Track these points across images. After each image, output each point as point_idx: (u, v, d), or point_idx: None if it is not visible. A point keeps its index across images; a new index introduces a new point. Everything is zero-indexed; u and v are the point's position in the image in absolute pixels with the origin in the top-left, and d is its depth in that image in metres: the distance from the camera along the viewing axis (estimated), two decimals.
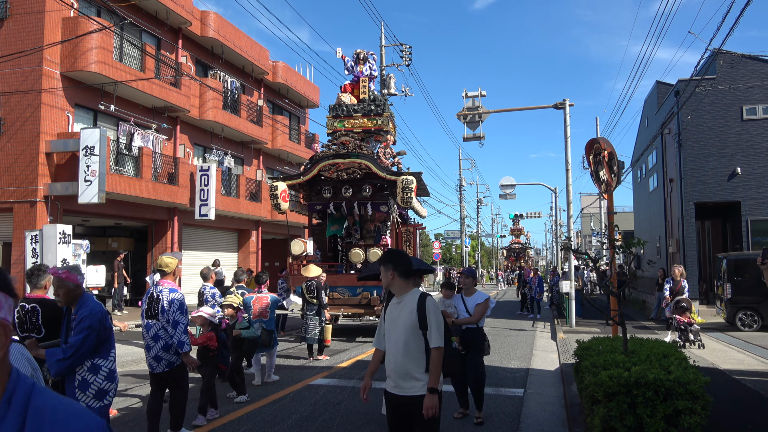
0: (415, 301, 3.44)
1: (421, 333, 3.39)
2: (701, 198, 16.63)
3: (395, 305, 3.53)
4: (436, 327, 3.36)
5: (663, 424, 4.07)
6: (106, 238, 20.79)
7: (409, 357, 3.38)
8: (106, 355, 4.02)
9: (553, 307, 21.14)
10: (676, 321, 11.07)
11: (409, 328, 3.39)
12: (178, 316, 5.00)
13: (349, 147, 13.32)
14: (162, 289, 5.11)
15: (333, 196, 13.58)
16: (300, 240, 13.37)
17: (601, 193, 12.28)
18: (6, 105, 15.06)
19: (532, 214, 47.55)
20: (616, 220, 8.45)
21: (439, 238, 52.19)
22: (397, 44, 23.66)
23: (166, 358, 5.04)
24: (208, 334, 6.22)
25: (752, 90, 16.29)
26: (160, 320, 5.01)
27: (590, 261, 5.91)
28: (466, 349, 6.09)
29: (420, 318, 3.38)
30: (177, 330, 4.96)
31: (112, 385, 4.06)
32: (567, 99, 15.82)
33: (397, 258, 3.54)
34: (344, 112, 14.62)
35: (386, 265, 3.49)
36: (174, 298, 5.04)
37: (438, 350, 3.34)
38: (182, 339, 4.97)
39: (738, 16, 8.26)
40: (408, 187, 12.63)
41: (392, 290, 3.52)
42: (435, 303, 3.45)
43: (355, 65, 15.13)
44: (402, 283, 3.49)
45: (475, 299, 6.22)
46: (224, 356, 6.47)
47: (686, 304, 11.21)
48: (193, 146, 20.74)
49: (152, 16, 18.53)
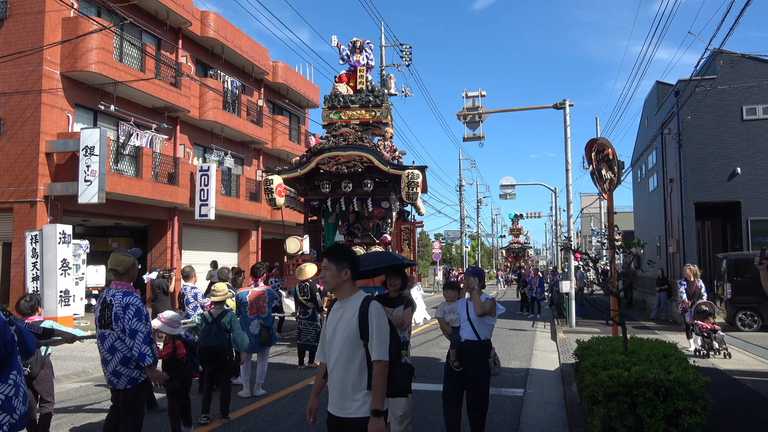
0: (356, 307, 3.01)
1: (362, 343, 2.96)
2: (701, 198, 16.63)
3: (337, 310, 3.11)
4: (378, 337, 2.92)
5: (663, 424, 4.07)
6: (106, 238, 20.80)
7: (350, 372, 2.97)
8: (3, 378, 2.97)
9: (553, 307, 21.15)
10: (698, 327, 9.96)
11: (349, 338, 2.97)
12: (136, 324, 4.25)
13: (349, 139, 12.55)
14: (115, 293, 4.33)
15: (331, 191, 12.84)
16: (295, 238, 12.65)
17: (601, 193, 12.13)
18: (6, 105, 15.06)
19: (532, 214, 47.57)
20: (616, 220, 8.46)
21: (439, 238, 52.14)
22: (397, 44, 23.67)
23: (127, 373, 4.30)
24: (171, 344, 5.54)
25: (752, 90, 16.29)
26: (114, 329, 4.27)
27: (590, 261, 5.85)
28: (463, 366, 5.07)
29: (361, 326, 2.95)
30: (135, 340, 4.23)
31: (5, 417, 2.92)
32: (567, 99, 15.83)
33: (352, 255, 3.08)
34: (341, 102, 13.73)
35: (341, 264, 3.02)
36: (129, 303, 4.28)
37: (380, 365, 2.90)
38: (142, 350, 4.23)
39: (738, 16, 8.26)
40: (414, 182, 11.89)
41: (338, 293, 3.08)
42: (380, 309, 3.01)
43: (351, 54, 14.26)
44: (352, 285, 3.08)
45: None
46: (195, 364, 5.74)
47: (708, 308, 10.04)
48: (193, 146, 20.75)
49: (152, 16, 18.53)
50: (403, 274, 5.38)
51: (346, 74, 14.35)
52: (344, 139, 12.60)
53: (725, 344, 9.85)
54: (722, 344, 9.75)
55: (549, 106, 16.32)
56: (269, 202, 12.82)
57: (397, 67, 23.66)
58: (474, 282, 5.23)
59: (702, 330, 9.89)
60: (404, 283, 5.35)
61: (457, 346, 5.12)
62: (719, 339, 9.75)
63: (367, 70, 14.23)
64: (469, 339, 5.07)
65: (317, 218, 14.31)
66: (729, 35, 9.11)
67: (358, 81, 14.18)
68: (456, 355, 5.10)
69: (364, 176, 12.50)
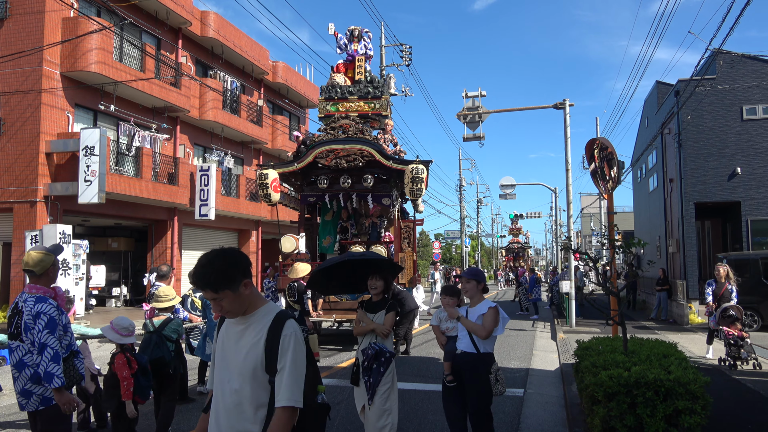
0: (265, 326, 2.15)
1: (267, 379, 2.11)
2: (701, 198, 16.63)
3: (232, 327, 2.22)
4: (291, 372, 2.07)
5: (663, 424, 4.07)
6: (106, 238, 20.81)
7: (241, 416, 2.12)
8: None
9: (553, 307, 21.14)
10: (724, 334, 8.87)
11: (248, 369, 2.11)
12: (46, 337, 3.50)
13: (349, 131, 11.84)
14: (27, 298, 3.61)
15: (329, 187, 12.06)
16: (291, 236, 11.94)
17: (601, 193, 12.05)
18: (6, 105, 15.06)
19: (532, 214, 47.61)
20: (616, 220, 8.45)
21: (439, 238, 52.18)
22: (397, 44, 23.66)
23: (39, 392, 3.59)
24: (122, 355, 4.75)
25: (752, 90, 16.29)
26: (24, 341, 3.57)
27: (590, 261, 5.83)
28: (458, 381, 4.39)
29: (267, 354, 2.09)
30: (43, 356, 3.49)
31: None
32: (567, 99, 15.82)
33: (246, 260, 2.22)
34: (338, 94, 12.91)
35: (234, 271, 2.13)
36: (41, 312, 3.55)
37: (287, 412, 2.05)
38: (50, 369, 3.48)
39: (738, 16, 8.26)
40: (418, 177, 11.19)
41: (228, 313, 2.17)
42: (298, 333, 2.16)
43: (348, 43, 13.48)
44: (257, 295, 2.23)
45: (479, 310, 4.39)
46: (142, 387, 4.83)
47: (736, 312, 8.96)
48: (193, 146, 20.75)
49: (152, 16, 18.53)
50: (386, 276, 4.72)
51: (343, 64, 13.63)
52: (344, 131, 11.89)
53: (754, 353, 8.79)
54: (751, 353, 8.71)
55: (549, 106, 16.32)
56: (264, 198, 12.05)
57: (397, 67, 23.66)
58: (473, 288, 4.48)
59: (728, 337, 8.79)
60: (387, 286, 4.76)
61: (452, 358, 4.43)
62: (747, 347, 8.70)
63: (365, 60, 13.49)
64: (467, 351, 4.29)
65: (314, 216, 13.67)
66: (729, 35, 9.11)
67: (357, 71, 13.40)
68: (450, 368, 4.44)
69: (364, 171, 11.80)
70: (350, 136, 11.81)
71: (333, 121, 12.33)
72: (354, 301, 11.23)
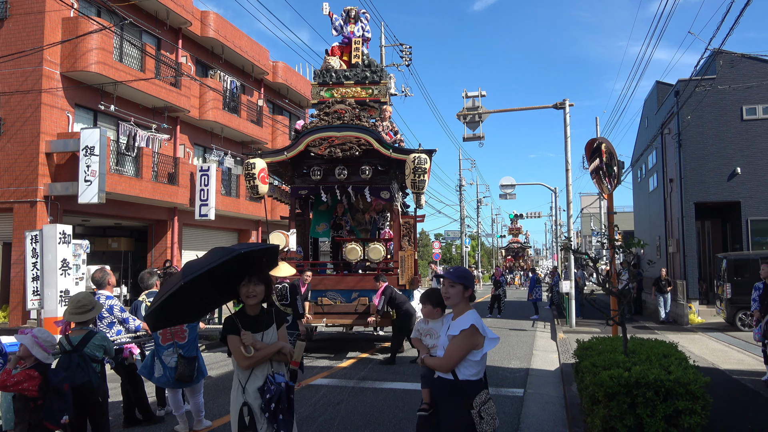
0: None
1: None
2: (701, 198, 16.64)
3: None
4: None
5: (663, 424, 4.07)
6: (106, 238, 20.79)
7: None
8: None
9: (553, 307, 21.14)
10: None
11: None
12: None
13: (345, 117, 10.78)
14: None
15: (323, 179, 11.08)
16: (280, 232, 10.96)
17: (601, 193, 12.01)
18: (6, 105, 15.06)
19: (532, 214, 47.62)
20: (616, 220, 8.46)
21: (439, 238, 52.17)
22: (397, 44, 23.66)
23: None
24: (26, 372, 3.86)
25: (752, 90, 16.30)
26: None
27: (590, 261, 5.84)
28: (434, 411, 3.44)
29: None
30: None
31: None
32: (567, 99, 15.84)
33: None
34: (333, 78, 11.85)
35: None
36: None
37: None
38: None
39: (738, 16, 8.27)
40: (421, 168, 10.17)
41: None
42: None
43: (344, 24, 12.51)
44: None
45: (461, 324, 3.24)
46: (54, 411, 3.95)
47: None
48: (193, 146, 20.76)
49: (152, 16, 18.53)
50: (264, 277, 3.41)
51: (339, 47, 12.70)
52: (339, 117, 10.83)
53: None
54: None
55: (549, 106, 16.33)
56: (250, 189, 10.99)
57: (397, 67, 23.66)
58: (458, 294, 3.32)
59: None
60: (268, 291, 3.45)
61: (429, 384, 3.52)
62: None
63: (363, 42, 12.52)
64: (443, 377, 3.30)
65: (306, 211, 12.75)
66: (729, 35, 9.12)
67: (353, 54, 12.34)
68: (429, 395, 3.51)
69: (361, 161, 10.80)
70: (346, 123, 10.76)
71: (327, 107, 11.26)
72: (349, 304, 10.63)
